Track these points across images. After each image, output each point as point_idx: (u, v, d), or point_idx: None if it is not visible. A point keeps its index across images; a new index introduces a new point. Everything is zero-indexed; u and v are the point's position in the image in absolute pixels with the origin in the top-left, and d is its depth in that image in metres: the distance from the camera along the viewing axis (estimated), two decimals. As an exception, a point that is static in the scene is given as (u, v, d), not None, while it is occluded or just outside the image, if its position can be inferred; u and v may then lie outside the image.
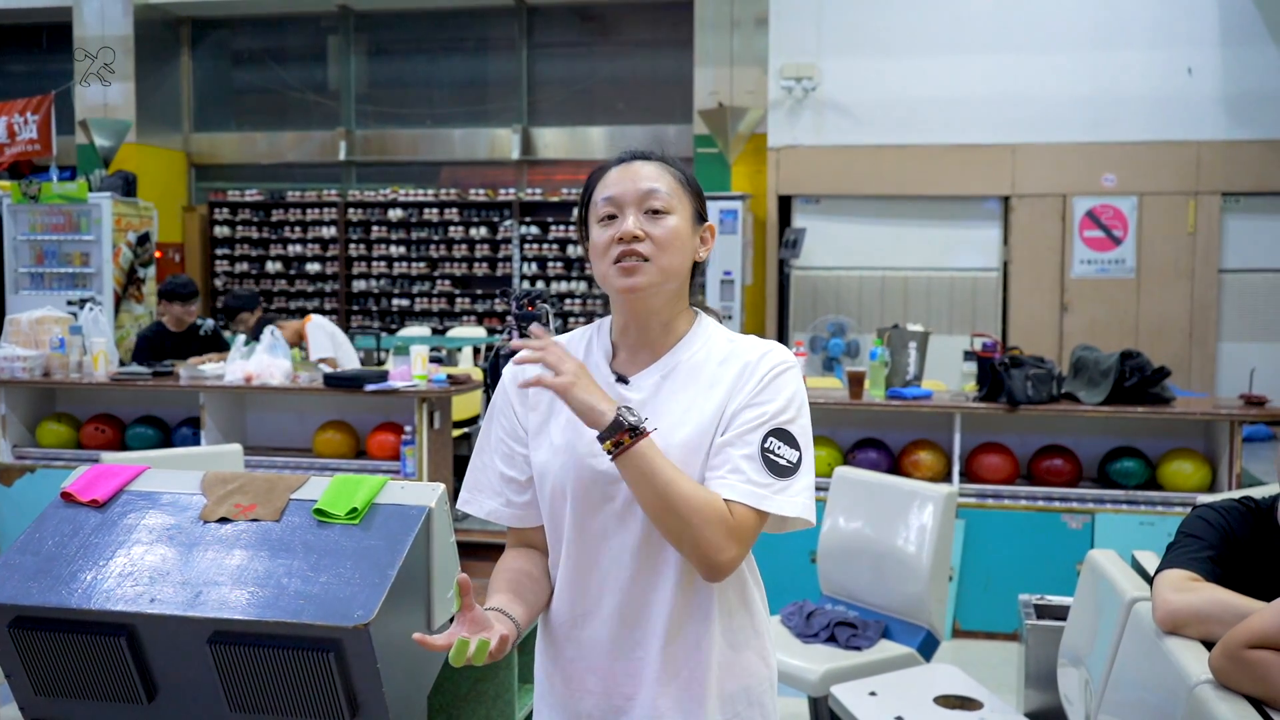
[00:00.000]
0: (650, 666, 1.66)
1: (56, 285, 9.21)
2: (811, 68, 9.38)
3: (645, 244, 1.62)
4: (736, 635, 1.70)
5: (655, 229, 1.63)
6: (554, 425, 1.71)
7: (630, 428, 1.54)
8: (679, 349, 1.70)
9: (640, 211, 1.64)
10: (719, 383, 1.66)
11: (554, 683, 1.75)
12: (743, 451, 1.59)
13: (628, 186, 1.65)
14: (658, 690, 1.66)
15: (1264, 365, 7.20)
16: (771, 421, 1.61)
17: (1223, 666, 1.83)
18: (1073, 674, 2.70)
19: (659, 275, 1.64)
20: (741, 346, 1.69)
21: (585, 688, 1.71)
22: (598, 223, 1.67)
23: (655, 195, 1.65)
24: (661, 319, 1.69)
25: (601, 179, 1.70)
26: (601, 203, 1.66)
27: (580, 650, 1.71)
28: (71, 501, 2.30)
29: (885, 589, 3.52)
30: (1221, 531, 2.18)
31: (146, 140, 11.22)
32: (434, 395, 5.31)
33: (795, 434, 1.63)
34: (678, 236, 1.65)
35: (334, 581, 2.05)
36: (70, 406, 5.91)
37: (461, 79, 11.87)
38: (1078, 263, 9.20)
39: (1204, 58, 8.96)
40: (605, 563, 1.67)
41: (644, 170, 1.67)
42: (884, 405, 5.02)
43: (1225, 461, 4.78)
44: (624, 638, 1.67)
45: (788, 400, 1.63)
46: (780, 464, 1.60)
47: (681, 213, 1.67)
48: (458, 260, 11.26)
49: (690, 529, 1.55)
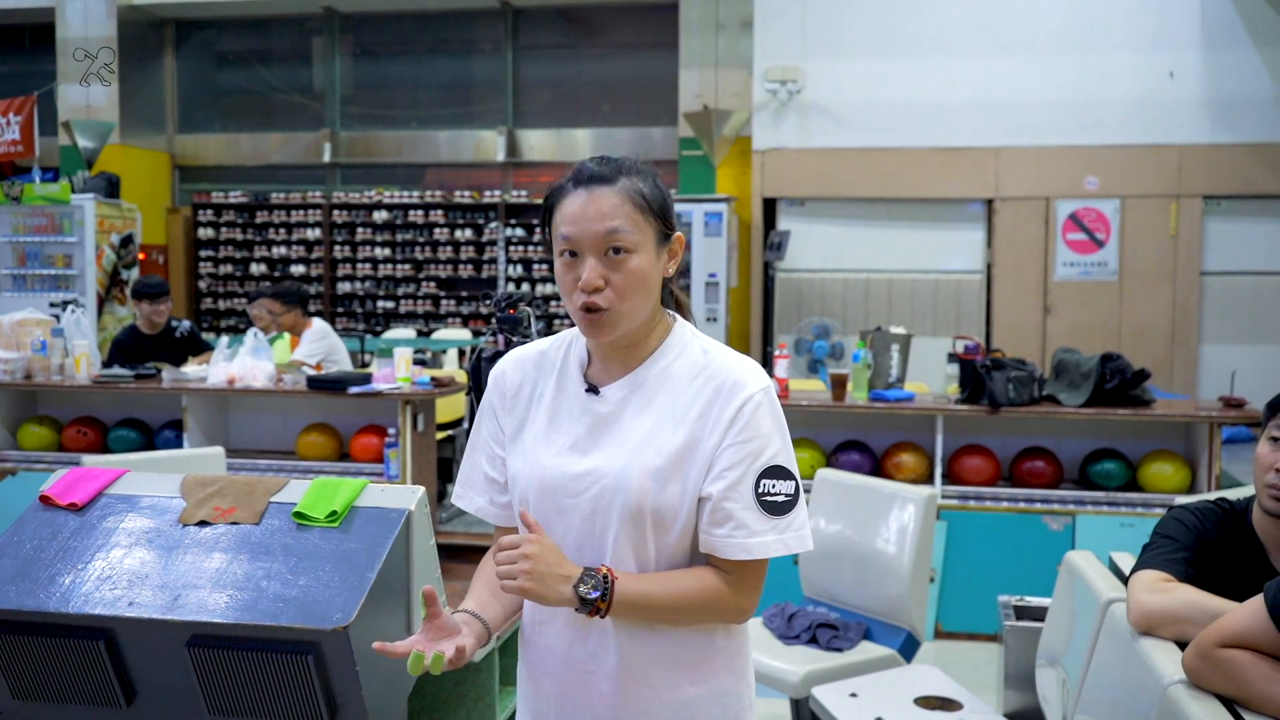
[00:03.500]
0: (605, 682, 1.66)
1: (39, 287, 9.18)
2: (796, 70, 9.41)
3: (605, 294, 1.59)
4: (705, 651, 1.68)
5: (616, 275, 1.59)
6: (528, 432, 1.72)
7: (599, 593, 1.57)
8: (650, 363, 1.68)
9: (600, 254, 1.59)
10: (689, 405, 1.63)
11: (525, 684, 1.78)
12: (740, 505, 1.60)
13: (587, 227, 1.59)
14: (619, 707, 1.66)
15: (1245, 367, 7.26)
16: (759, 464, 1.61)
17: (1195, 666, 1.85)
18: (1050, 674, 2.72)
19: (622, 320, 1.62)
20: (715, 363, 1.66)
21: (542, 692, 1.73)
22: (558, 254, 1.64)
23: (616, 235, 1.58)
24: (632, 339, 1.67)
25: (560, 204, 1.63)
26: (560, 238, 1.61)
27: (540, 654, 1.73)
28: (50, 505, 2.29)
29: (866, 591, 3.53)
30: (1196, 533, 2.20)
31: (130, 142, 11.18)
32: (418, 398, 5.31)
33: (784, 465, 1.63)
34: (639, 278, 1.60)
35: (313, 584, 2.05)
36: (52, 409, 5.89)
37: (447, 81, 11.86)
38: (1060, 265, 9.24)
39: (1186, 62, 9.01)
40: None
41: (604, 204, 1.59)
42: (866, 407, 5.04)
43: (1205, 463, 4.81)
44: (577, 649, 1.68)
45: (768, 435, 1.62)
46: (778, 502, 1.61)
47: (644, 246, 1.61)
48: (443, 262, 11.24)
49: (706, 616, 1.65)
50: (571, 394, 1.70)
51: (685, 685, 1.67)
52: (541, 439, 1.68)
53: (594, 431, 1.66)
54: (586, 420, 1.67)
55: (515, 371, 1.77)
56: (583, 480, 1.64)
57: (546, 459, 1.67)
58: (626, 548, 1.62)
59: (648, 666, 1.66)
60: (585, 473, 1.64)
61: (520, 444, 1.72)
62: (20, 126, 9.61)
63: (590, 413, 1.67)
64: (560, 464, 1.65)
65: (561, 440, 1.67)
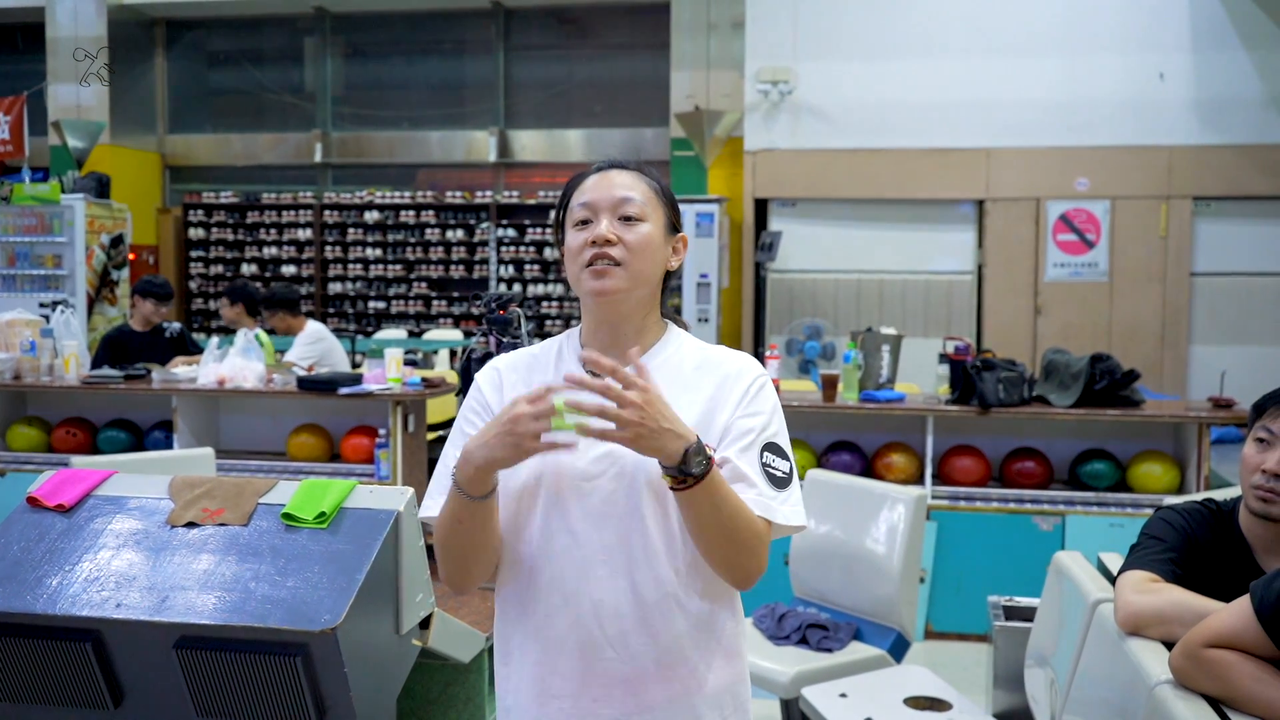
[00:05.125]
0: (627, 669, 1.65)
1: (29, 287, 9.14)
2: (788, 71, 9.42)
3: (618, 248, 1.66)
4: (714, 636, 1.70)
5: (628, 234, 1.67)
6: None
7: (702, 470, 1.51)
8: (651, 354, 1.72)
9: (614, 217, 1.68)
10: (698, 388, 1.68)
11: (520, 695, 1.72)
12: (749, 466, 1.63)
13: (603, 193, 1.70)
14: (641, 694, 1.65)
15: (1234, 368, 7.27)
16: (763, 436, 1.67)
17: (1182, 666, 1.86)
18: (1039, 674, 2.73)
19: (629, 280, 1.66)
20: (716, 356, 1.74)
21: (552, 691, 1.67)
22: (573, 227, 1.71)
23: (629, 203, 1.69)
24: (633, 324, 1.72)
25: (579, 185, 1.74)
26: (577, 208, 1.71)
27: (546, 653, 1.68)
28: (38, 506, 2.29)
29: (856, 591, 3.54)
30: (1183, 533, 2.21)
31: (120, 142, 11.15)
32: (408, 398, 5.30)
33: (782, 445, 1.69)
34: (650, 243, 1.69)
35: (301, 586, 2.04)
36: (41, 410, 5.87)
37: (438, 81, 11.85)
38: (1051, 266, 9.27)
39: (1175, 63, 9.04)
40: (577, 564, 1.65)
41: (620, 179, 1.72)
42: (857, 408, 5.04)
43: (1194, 464, 4.83)
44: (596, 639, 1.65)
45: (771, 413, 1.69)
46: (777, 476, 1.65)
47: (655, 221, 1.71)
48: (434, 263, 11.23)
49: (742, 553, 1.59)
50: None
51: (703, 671, 1.68)
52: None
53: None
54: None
55: (509, 371, 1.78)
56: (600, 464, 1.64)
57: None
58: (651, 521, 1.64)
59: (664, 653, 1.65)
60: (602, 455, 1.64)
61: None
62: (10, 126, 9.59)
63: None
64: (572, 450, 1.61)
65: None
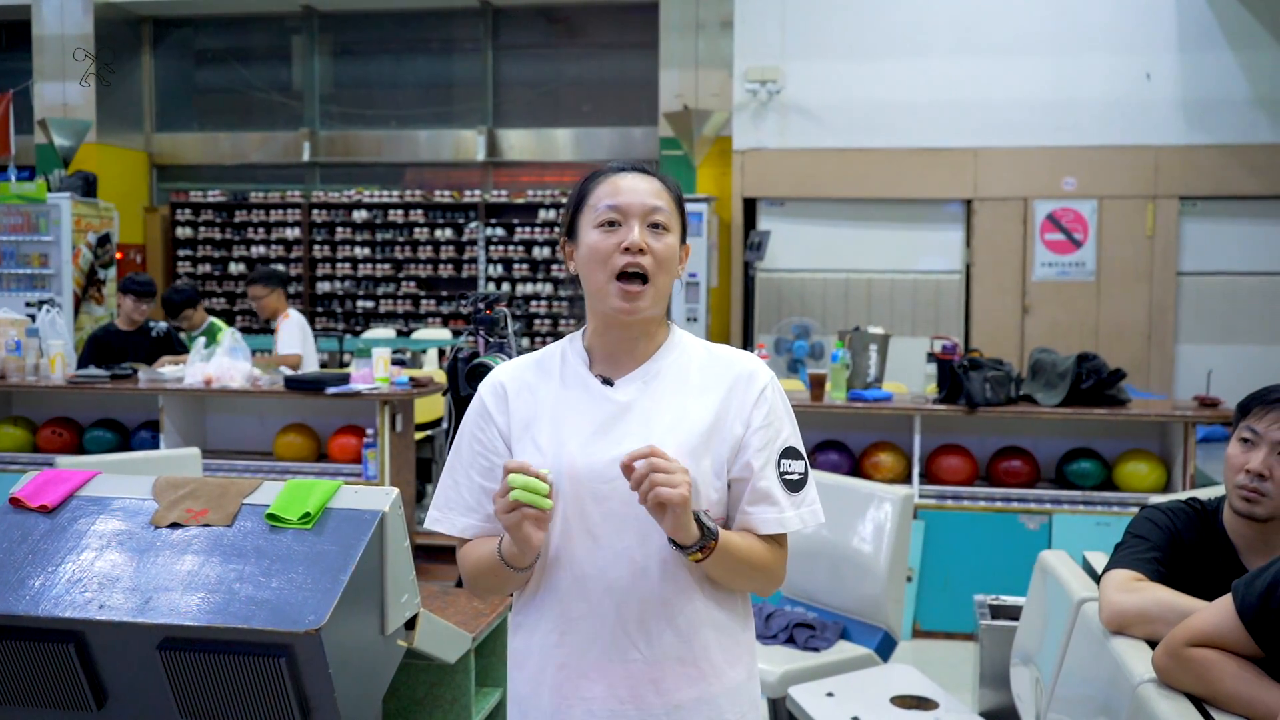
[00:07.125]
0: (653, 669, 1.66)
1: (15, 287, 9.10)
2: (776, 71, 9.42)
3: (648, 258, 1.68)
4: (734, 635, 1.75)
5: (657, 244, 1.69)
6: (538, 428, 1.72)
7: (713, 535, 1.62)
8: (660, 355, 1.75)
9: (644, 224, 1.69)
10: (708, 389, 1.72)
11: (541, 699, 1.71)
12: (770, 483, 1.70)
13: (635, 199, 1.69)
14: (669, 692, 1.67)
15: (1221, 367, 7.32)
16: (779, 444, 1.73)
17: (1165, 665, 1.86)
18: (1024, 673, 2.74)
19: (654, 301, 1.70)
20: (721, 354, 1.78)
21: (580, 694, 1.68)
22: (595, 226, 1.69)
23: (659, 211, 1.70)
24: (646, 329, 1.74)
25: (602, 182, 1.72)
26: (604, 208, 1.69)
27: (570, 656, 1.68)
28: (20, 507, 2.27)
29: (843, 590, 3.54)
30: (1167, 533, 2.21)
31: (107, 140, 11.10)
32: (396, 398, 5.29)
33: (796, 445, 1.75)
34: (673, 255, 1.72)
35: (286, 587, 2.04)
36: (26, 409, 5.84)
37: (426, 80, 11.83)
38: (1039, 265, 9.29)
39: (1162, 63, 9.07)
40: (598, 565, 1.66)
41: (650, 186, 1.72)
42: (845, 407, 5.05)
43: (1180, 462, 4.85)
44: (620, 640, 1.66)
45: (783, 417, 1.75)
46: (794, 480, 1.72)
47: (675, 232, 1.74)
48: (422, 262, 11.21)
49: (759, 580, 1.73)
50: (579, 391, 1.73)
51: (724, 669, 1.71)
52: (559, 431, 1.69)
53: (615, 420, 1.69)
54: (605, 410, 1.70)
55: (513, 380, 1.78)
56: (617, 467, 1.62)
57: (574, 448, 1.67)
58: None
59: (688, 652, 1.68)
60: (619, 458, 1.61)
61: (530, 440, 1.71)
62: (-5, 124, 9.53)
63: (609, 403, 1.70)
64: (589, 453, 1.67)
65: (583, 430, 1.68)
